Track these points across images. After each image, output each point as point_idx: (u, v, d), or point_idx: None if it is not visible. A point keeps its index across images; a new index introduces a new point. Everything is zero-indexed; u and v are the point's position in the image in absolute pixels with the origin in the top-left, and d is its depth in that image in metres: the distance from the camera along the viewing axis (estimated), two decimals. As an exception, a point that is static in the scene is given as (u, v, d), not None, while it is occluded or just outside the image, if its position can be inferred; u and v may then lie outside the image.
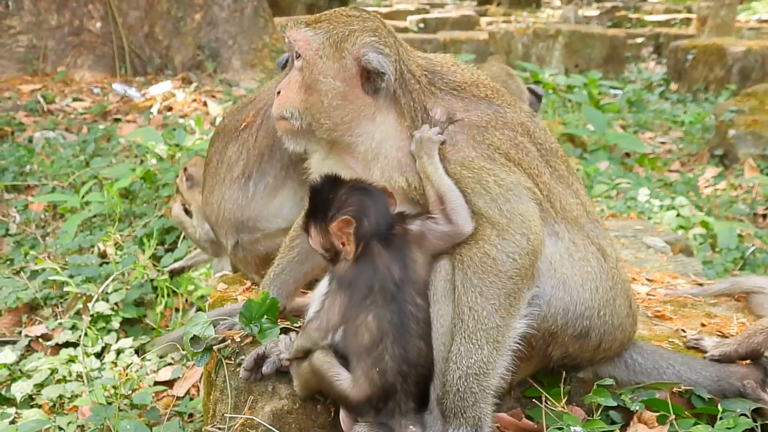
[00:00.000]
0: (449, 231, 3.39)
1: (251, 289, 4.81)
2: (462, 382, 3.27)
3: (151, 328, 6.86)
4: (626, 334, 3.76)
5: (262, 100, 4.99)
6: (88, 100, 14.66)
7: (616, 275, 3.69)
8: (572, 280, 3.50)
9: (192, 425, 5.02)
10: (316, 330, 3.37)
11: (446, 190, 3.39)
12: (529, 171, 3.53)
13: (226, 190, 4.94)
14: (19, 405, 5.71)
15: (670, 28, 28.49)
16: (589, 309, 3.53)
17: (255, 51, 17.07)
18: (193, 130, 11.15)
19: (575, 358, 3.66)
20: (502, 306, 3.31)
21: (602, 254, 3.64)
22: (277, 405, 3.56)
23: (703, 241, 8.75)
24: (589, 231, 3.66)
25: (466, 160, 3.43)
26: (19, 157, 11.00)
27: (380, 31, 3.55)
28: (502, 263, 3.30)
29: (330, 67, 3.50)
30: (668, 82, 19.00)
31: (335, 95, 3.51)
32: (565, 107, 15.19)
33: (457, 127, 3.51)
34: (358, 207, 3.39)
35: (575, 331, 3.52)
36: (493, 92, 3.67)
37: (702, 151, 13.27)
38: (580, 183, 3.80)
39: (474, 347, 3.28)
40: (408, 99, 3.54)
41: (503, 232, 3.33)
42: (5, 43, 15.63)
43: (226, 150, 5.01)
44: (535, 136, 3.66)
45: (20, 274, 7.97)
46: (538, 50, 20.26)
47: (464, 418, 3.27)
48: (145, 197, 9.11)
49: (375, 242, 3.37)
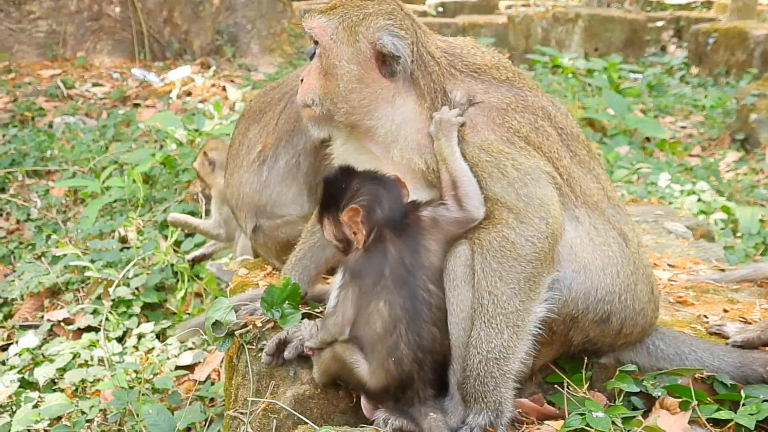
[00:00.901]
0: (460, 217, 3.38)
1: (272, 274, 4.82)
2: (482, 367, 3.27)
3: (171, 312, 6.89)
4: (648, 320, 3.73)
5: (288, 84, 5.01)
6: (107, 85, 14.72)
7: (638, 260, 3.66)
8: (593, 264, 3.49)
9: (213, 409, 5.04)
10: (334, 325, 3.36)
11: (460, 175, 3.38)
12: (549, 155, 3.51)
13: (244, 173, 4.96)
14: (43, 389, 5.76)
15: (690, 12, 28.24)
16: (610, 294, 3.51)
17: (273, 35, 17.07)
18: (212, 115, 11.16)
19: (596, 343, 3.64)
20: (522, 290, 3.30)
21: (623, 239, 3.62)
22: (298, 390, 3.56)
23: (725, 226, 8.71)
24: (610, 216, 3.64)
25: (485, 143, 3.42)
26: (39, 142, 11.06)
27: (396, 13, 3.53)
28: (521, 247, 3.29)
29: (345, 51, 3.49)
30: (689, 66, 18.87)
31: (351, 79, 3.50)
32: (584, 92, 15.13)
33: (477, 109, 3.49)
34: (370, 196, 3.39)
35: (596, 316, 3.50)
36: (514, 75, 3.65)
37: (723, 136, 13.18)
38: (602, 168, 3.78)
39: (494, 332, 3.27)
40: (428, 81, 3.53)
41: (521, 216, 3.32)
42: (25, 28, 15.69)
43: (247, 132, 5.02)
44: (556, 120, 3.63)
45: (41, 259, 8.02)
46: (558, 34, 20.15)
47: (485, 402, 3.26)
48: (165, 182, 9.14)
49: (387, 231, 3.37)
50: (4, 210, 9.65)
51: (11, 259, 8.64)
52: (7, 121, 12.50)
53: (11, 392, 5.70)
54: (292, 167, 4.80)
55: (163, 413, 4.68)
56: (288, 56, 16.84)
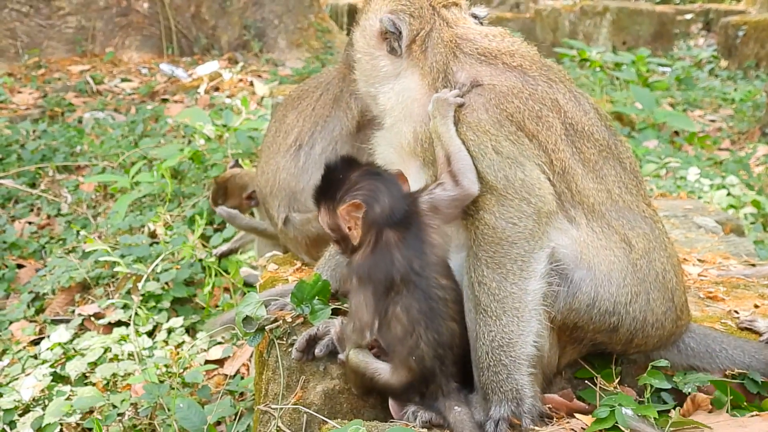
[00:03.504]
0: (457, 194, 3.34)
1: (301, 269, 4.83)
2: (490, 357, 3.26)
3: (200, 307, 6.93)
4: (666, 331, 3.60)
5: (325, 75, 5.19)
6: (136, 80, 14.82)
7: (647, 267, 3.52)
8: (595, 265, 3.39)
9: (243, 403, 5.07)
10: (353, 332, 3.37)
11: (454, 150, 3.36)
12: (545, 146, 3.43)
13: (281, 159, 4.99)
14: (74, 383, 5.82)
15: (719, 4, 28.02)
16: (612, 302, 3.41)
17: (300, 30, 17.11)
18: (240, 110, 11.21)
19: (607, 347, 3.59)
20: (511, 272, 3.27)
21: (627, 244, 3.49)
22: (328, 385, 3.58)
23: (755, 220, 8.64)
24: (611, 219, 3.51)
25: (473, 122, 3.39)
26: (69, 137, 11.16)
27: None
28: (502, 230, 3.27)
29: (363, 27, 3.82)
30: (718, 59, 18.72)
31: (363, 53, 3.81)
32: (613, 85, 15.06)
33: (479, 91, 3.47)
34: (369, 191, 3.37)
35: (602, 322, 3.42)
36: (531, 64, 3.58)
37: (753, 129, 13.08)
38: (620, 170, 3.64)
39: (491, 320, 3.26)
40: (432, 61, 3.59)
41: (501, 198, 3.29)
42: (54, 24, 15.82)
43: (285, 118, 5.09)
44: (569, 115, 3.53)
45: (72, 254, 8.09)
46: (586, 27, 20.06)
47: (502, 392, 3.25)
48: (194, 177, 9.18)
49: (388, 230, 3.34)
50: (35, 205, 9.74)
51: (42, 254, 8.72)
52: (37, 116, 12.61)
53: (44, 386, 5.76)
54: (329, 154, 4.83)
55: (194, 407, 4.71)
56: (315, 51, 16.87)
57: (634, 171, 3.71)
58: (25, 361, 6.26)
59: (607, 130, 3.67)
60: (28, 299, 7.48)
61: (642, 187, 3.72)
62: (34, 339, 6.84)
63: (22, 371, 6.13)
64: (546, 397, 3.43)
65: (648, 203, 3.70)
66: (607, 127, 3.68)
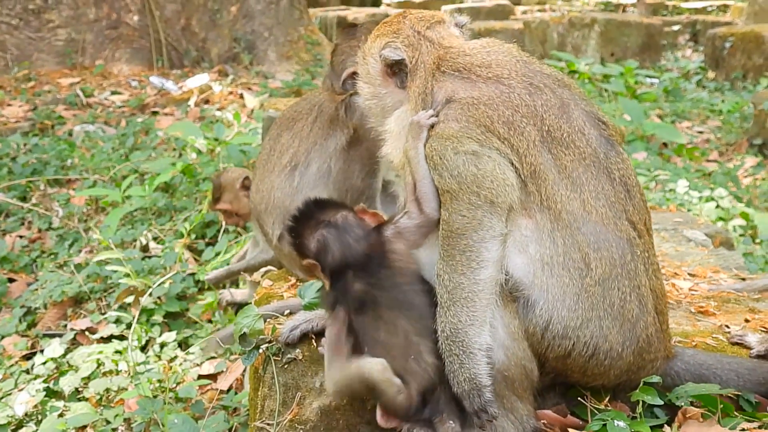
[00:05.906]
0: (421, 222, 3.40)
1: (296, 285, 4.84)
2: (445, 348, 3.26)
3: (193, 321, 6.94)
4: (625, 361, 3.48)
5: (315, 97, 5.22)
6: (126, 93, 14.83)
7: (600, 294, 3.38)
8: (551, 292, 3.33)
9: (237, 419, 5.09)
10: (336, 365, 3.38)
11: (420, 176, 3.40)
12: (516, 148, 3.38)
13: (275, 178, 5.04)
14: (68, 398, 5.82)
15: (707, 16, 28.20)
16: (567, 319, 3.35)
17: (290, 43, 17.15)
18: (231, 123, 11.23)
19: (567, 377, 3.54)
20: (460, 263, 3.27)
21: (586, 265, 3.37)
22: (324, 401, 3.59)
23: (744, 233, 8.70)
24: (577, 233, 3.39)
25: (440, 132, 3.42)
26: (60, 150, 11.16)
27: (399, 31, 3.81)
28: (452, 223, 3.29)
29: (364, 73, 3.91)
30: (705, 71, 18.83)
31: (371, 97, 3.91)
32: (601, 97, 15.13)
33: (453, 104, 3.49)
34: (320, 247, 3.46)
35: (555, 345, 3.37)
36: (508, 73, 3.54)
37: (741, 141, 13.15)
38: (607, 182, 3.51)
39: (443, 310, 3.27)
40: (418, 84, 3.64)
41: (455, 195, 3.30)
42: (44, 36, 15.82)
43: (279, 138, 5.15)
44: (547, 123, 3.45)
45: (63, 268, 8.08)
46: (574, 39, 20.12)
47: (460, 384, 3.23)
48: (186, 191, 9.20)
49: (351, 274, 3.40)
50: (26, 219, 9.74)
51: (33, 268, 8.71)
52: (27, 129, 12.62)
53: (37, 401, 5.76)
54: (323, 173, 4.91)
55: (188, 423, 4.72)
56: (305, 63, 16.92)
57: (625, 185, 3.56)
58: (18, 376, 6.26)
59: (604, 139, 3.59)
60: (20, 314, 7.47)
61: (632, 204, 3.55)
62: (26, 354, 6.83)
63: (15, 386, 6.13)
64: (540, 413, 3.45)
65: (633, 221, 3.54)
66: (606, 138, 3.60)
